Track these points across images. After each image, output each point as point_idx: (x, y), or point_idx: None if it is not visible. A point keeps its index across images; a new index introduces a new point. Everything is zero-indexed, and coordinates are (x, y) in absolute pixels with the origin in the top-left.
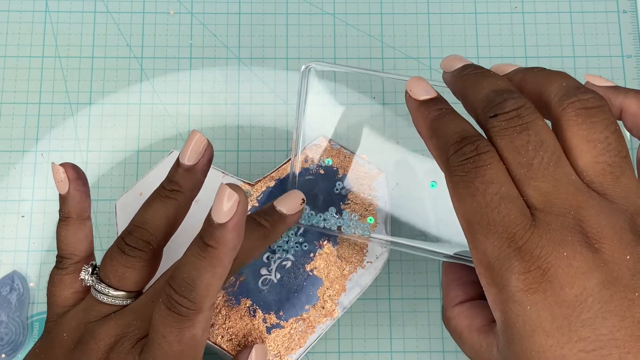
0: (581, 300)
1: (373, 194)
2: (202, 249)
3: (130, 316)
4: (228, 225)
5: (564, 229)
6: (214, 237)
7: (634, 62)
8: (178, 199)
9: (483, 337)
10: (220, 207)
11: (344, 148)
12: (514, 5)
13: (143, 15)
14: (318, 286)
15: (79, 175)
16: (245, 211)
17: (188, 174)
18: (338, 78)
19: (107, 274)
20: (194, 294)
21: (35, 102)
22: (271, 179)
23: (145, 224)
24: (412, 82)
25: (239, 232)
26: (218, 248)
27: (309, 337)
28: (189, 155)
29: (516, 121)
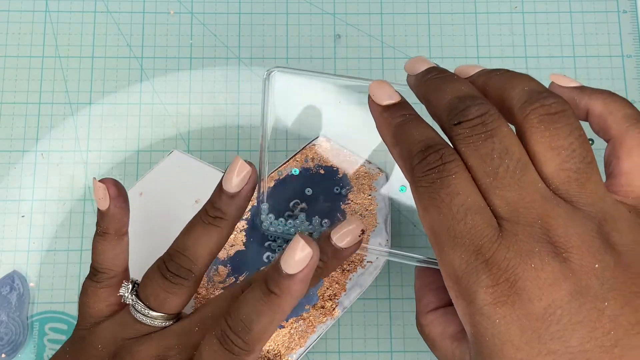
0: (550, 313)
1: (373, 194)
2: (265, 294)
3: (172, 339)
4: (297, 277)
5: (532, 239)
6: (279, 286)
7: (634, 62)
8: (221, 226)
9: (456, 345)
10: (292, 257)
11: (344, 148)
12: (514, 5)
13: (143, 15)
14: (318, 286)
15: (120, 193)
16: (316, 264)
17: (232, 200)
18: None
19: (147, 296)
20: (249, 336)
21: (35, 102)
22: (271, 179)
23: (186, 251)
24: (375, 86)
25: (305, 284)
26: (282, 297)
27: (309, 337)
28: (234, 181)
29: (480, 128)
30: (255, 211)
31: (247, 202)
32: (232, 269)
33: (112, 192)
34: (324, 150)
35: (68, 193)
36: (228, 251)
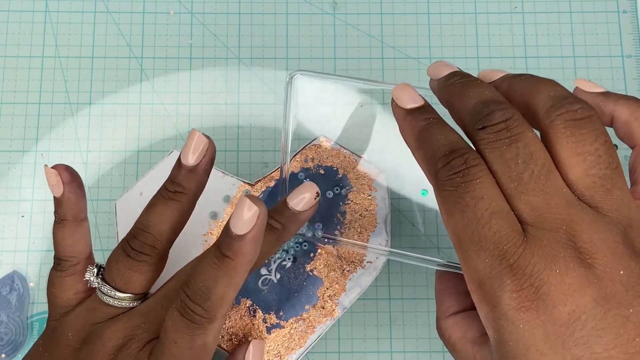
0: (575, 318)
1: (373, 194)
2: (219, 259)
3: (138, 318)
4: (247, 237)
5: (556, 245)
6: (231, 248)
7: (634, 62)
8: (181, 201)
9: (477, 349)
10: (239, 218)
11: (344, 148)
12: (514, 5)
13: (143, 15)
14: (318, 286)
15: (72, 178)
16: (265, 223)
17: (190, 174)
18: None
19: (113, 277)
20: (208, 303)
21: (35, 102)
22: (271, 179)
23: (149, 228)
24: (399, 90)
25: (256, 244)
26: (235, 259)
27: (309, 337)
28: (190, 155)
29: (505, 133)
30: None
31: (207, 176)
32: None
33: (64, 177)
34: (324, 150)
35: None
36: None
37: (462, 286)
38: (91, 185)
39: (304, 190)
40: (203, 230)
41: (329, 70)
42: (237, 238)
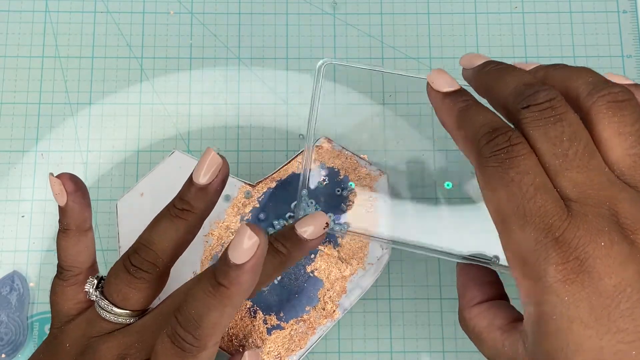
0: (620, 291)
1: (375, 195)
2: (213, 287)
3: (133, 336)
4: (245, 266)
5: (601, 220)
6: (228, 277)
7: (634, 62)
8: (188, 220)
9: (506, 335)
10: (239, 247)
11: (345, 149)
12: (514, 5)
13: (143, 15)
14: (319, 287)
15: (77, 187)
16: (264, 254)
17: (200, 193)
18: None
19: (111, 292)
20: (199, 332)
21: (35, 102)
22: (272, 180)
23: (152, 244)
24: (435, 75)
25: (254, 274)
26: (231, 288)
27: (309, 339)
28: (203, 173)
29: (549, 112)
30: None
31: (217, 196)
32: None
33: (68, 187)
34: (326, 151)
35: None
36: None
37: (485, 277)
38: (91, 185)
39: (314, 220)
40: (204, 231)
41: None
42: (234, 267)
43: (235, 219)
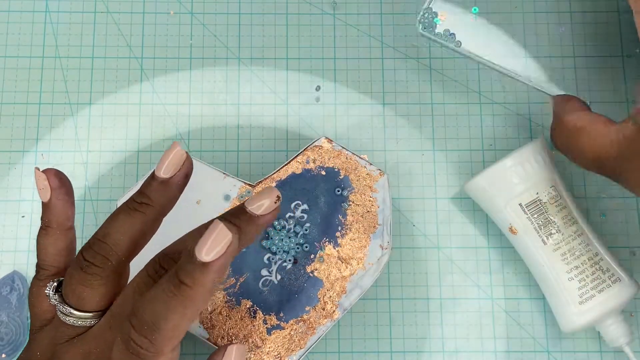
0: None
1: (374, 195)
2: (175, 286)
3: (91, 343)
4: (212, 265)
5: None
6: (191, 275)
7: (634, 62)
8: (146, 213)
9: (610, 124)
10: (208, 244)
11: (345, 149)
12: (514, 5)
13: (143, 16)
14: (318, 287)
15: (62, 183)
16: (235, 253)
17: (161, 187)
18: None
19: (68, 294)
20: (156, 335)
21: (35, 102)
22: (272, 180)
23: (106, 238)
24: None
25: (220, 275)
26: (194, 288)
27: (309, 339)
28: (165, 167)
29: None
30: None
31: (179, 191)
32: (232, 270)
33: (52, 182)
34: (326, 151)
35: None
36: None
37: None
38: (91, 186)
39: (264, 196)
40: None
41: (329, 71)
42: (200, 265)
43: None
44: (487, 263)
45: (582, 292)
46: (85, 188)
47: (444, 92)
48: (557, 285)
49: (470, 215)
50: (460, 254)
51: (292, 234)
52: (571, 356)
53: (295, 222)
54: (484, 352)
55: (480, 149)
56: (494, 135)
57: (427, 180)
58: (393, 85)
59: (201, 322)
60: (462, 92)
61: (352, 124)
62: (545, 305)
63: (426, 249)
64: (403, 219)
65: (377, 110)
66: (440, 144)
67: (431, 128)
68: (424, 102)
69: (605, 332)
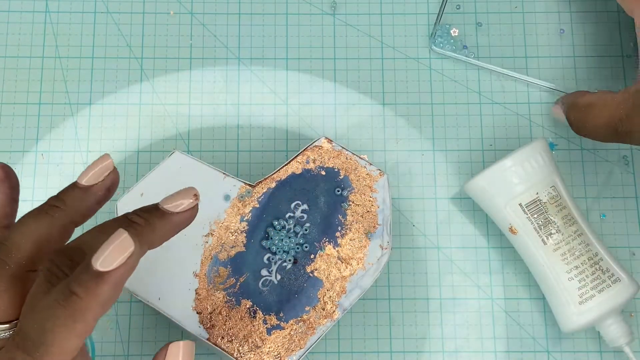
0: None
1: (374, 195)
2: (66, 297)
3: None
4: (109, 277)
5: None
6: (85, 285)
7: (633, 62)
8: (54, 216)
9: (612, 93)
10: (106, 253)
11: (345, 149)
12: (514, 5)
13: (143, 16)
14: (318, 287)
15: (6, 177)
16: (136, 264)
17: (78, 193)
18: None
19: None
20: (41, 351)
21: (35, 102)
22: (272, 180)
23: (8, 239)
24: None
25: (118, 288)
26: (85, 299)
27: (309, 339)
28: (86, 174)
29: None
30: None
31: (97, 204)
32: (232, 270)
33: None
34: (326, 152)
35: None
36: (229, 252)
37: None
38: None
39: (181, 195)
40: (204, 232)
41: (329, 71)
42: (95, 275)
43: (235, 219)
44: (487, 263)
45: (582, 292)
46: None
47: (444, 92)
48: (557, 285)
49: (470, 215)
50: (460, 254)
51: (292, 234)
52: (571, 356)
53: (295, 222)
54: (484, 352)
55: (480, 149)
56: (494, 135)
57: (427, 180)
58: (393, 85)
59: (201, 322)
60: (462, 92)
61: (352, 124)
62: (545, 305)
63: (426, 249)
64: (403, 219)
65: (377, 110)
66: (440, 144)
67: (431, 128)
68: (424, 102)
69: (605, 332)
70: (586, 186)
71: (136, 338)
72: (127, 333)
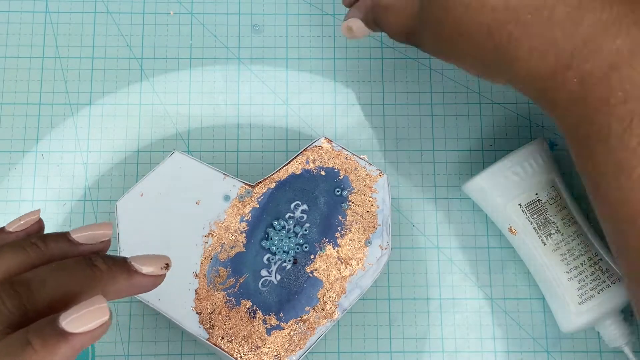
0: None
1: (374, 195)
2: (21, 344)
3: None
4: (72, 339)
5: None
6: (44, 338)
7: None
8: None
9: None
10: (78, 314)
11: (345, 149)
12: None
13: (143, 16)
14: (318, 288)
15: None
16: (103, 334)
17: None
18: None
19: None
20: None
21: (35, 102)
22: (272, 180)
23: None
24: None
25: (75, 353)
26: (40, 353)
27: (308, 339)
28: (82, 234)
29: None
30: None
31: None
32: (232, 270)
33: None
34: (326, 152)
35: (68, 194)
36: (228, 252)
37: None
38: (91, 186)
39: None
40: (204, 232)
41: (329, 71)
42: (59, 332)
43: (235, 219)
44: (487, 263)
45: (582, 293)
46: (85, 188)
47: (444, 92)
48: (556, 286)
49: (470, 215)
50: (460, 254)
51: (291, 234)
52: (571, 356)
53: (295, 222)
54: (484, 352)
55: (480, 149)
56: (494, 135)
57: (427, 180)
58: (393, 85)
59: (201, 322)
60: (462, 92)
61: (352, 124)
62: (545, 306)
63: (426, 249)
64: (403, 219)
65: (377, 110)
66: (440, 144)
67: (431, 128)
68: (424, 102)
69: (605, 332)
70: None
71: (136, 338)
72: (127, 333)
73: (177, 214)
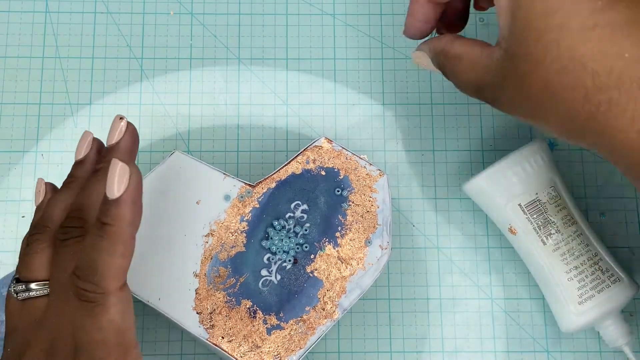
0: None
1: (374, 195)
2: (99, 229)
3: (51, 319)
4: (122, 199)
5: None
6: (109, 214)
7: None
8: (71, 187)
9: (486, 48)
10: (112, 182)
11: (345, 149)
12: None
13: (143, 16)
14: (318, 288)
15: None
16: (140, 184)
17: (79, 166)
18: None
19: (20, 271)
20: (97, 277)
21: (35, 102)
22: (272, 180)
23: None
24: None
25: (134, 206)
26: (115, 224)
27: (309, 339)
28: (77, 152)
29: None
30: None
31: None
32: (232, 269)
33: None
34: (326, 152)
35: None
36: (229, 252)
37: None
38: None
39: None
40: (204, 232)
41: (329, 71)
42: (112, 203)
43: (235, 219)
44: (487, 263)
45: (582, 292)
46: None
47: (443, 92)
48: (556, 286)
49: (470, 215)
50: (460, 254)
51: (291, 234)
52: (571, 356)
53: (295, 222)
54: (484, 352)
55: (480, 149)
56: (494, 135)
57: (427, 180)
58: (393, 85)
59: (201, 322)
60: None
61: (352, 124)
62: (544, 305)
63: (426, 249)
64: (403, 219)
65: (377, 110)
66: (440, 144)
67: (431, 128)
68: (424, 102)
69: (605, 332)
70: (586, 186)
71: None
72: None
73: (177, 214)
